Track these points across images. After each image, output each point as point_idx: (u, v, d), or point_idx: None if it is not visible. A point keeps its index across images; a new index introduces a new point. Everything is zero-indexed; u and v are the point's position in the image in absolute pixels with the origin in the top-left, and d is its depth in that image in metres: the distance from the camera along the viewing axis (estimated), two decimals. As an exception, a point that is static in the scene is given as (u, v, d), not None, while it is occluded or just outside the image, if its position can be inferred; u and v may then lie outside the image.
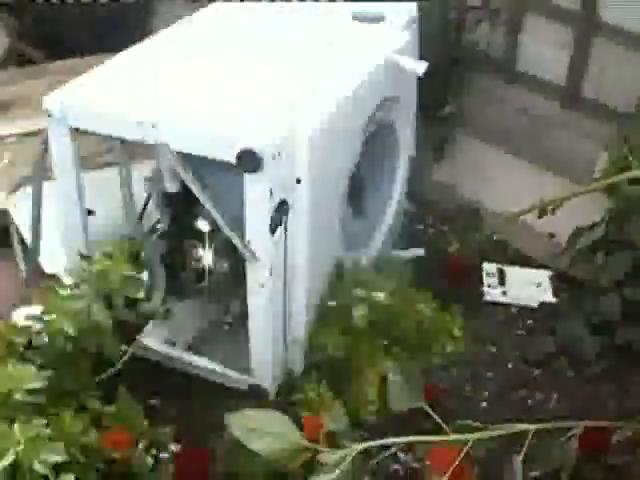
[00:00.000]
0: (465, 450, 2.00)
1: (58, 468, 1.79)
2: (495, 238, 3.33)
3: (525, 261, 3.23)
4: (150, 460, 2.33)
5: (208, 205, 2.24)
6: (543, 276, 3.12)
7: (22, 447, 1.70)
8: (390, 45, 2.73)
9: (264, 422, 1.97)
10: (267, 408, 2.08)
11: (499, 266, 3.17)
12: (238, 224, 2.24)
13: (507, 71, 3.57)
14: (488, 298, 3.04)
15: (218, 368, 2.55)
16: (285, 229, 2.27)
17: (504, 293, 3.04)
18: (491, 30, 3.48)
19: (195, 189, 2.23)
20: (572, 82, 3.39)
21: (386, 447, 2.09)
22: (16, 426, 1.73)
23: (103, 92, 2.40)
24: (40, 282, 2.43)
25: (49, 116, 2.33)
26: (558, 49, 3.37)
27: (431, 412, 2.07)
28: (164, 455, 2.35)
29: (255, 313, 2.38)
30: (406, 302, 2.63)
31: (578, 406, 2.59)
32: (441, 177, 3.63)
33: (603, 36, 3.25)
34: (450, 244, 3.22)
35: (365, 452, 2.08)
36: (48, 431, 1.74)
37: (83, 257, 2.32)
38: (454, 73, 3.51)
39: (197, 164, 2.24)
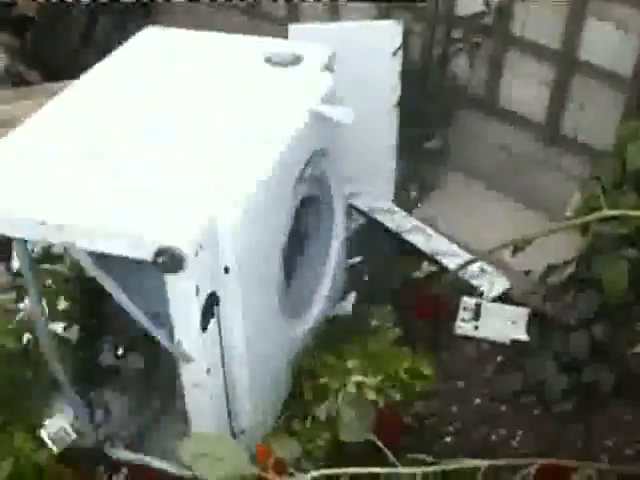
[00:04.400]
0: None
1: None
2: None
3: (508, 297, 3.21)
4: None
5: (127, 307, 2.01)
6: (521, 314, 3.09)
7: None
8: (312, 92, 2.52)
9: (215, 447, 1.95)
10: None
11: (478, 301, 3.16)
12: (164, 320, 2.04)
13: (488, 107, 3.59)
14: (459, 332, 3.03)
15: (159, 464, 2.41)
16: (218, 320, 2.09)
17: (476, 328, 3.03)
18: (471, 64, 3.48)
19: (112, 290, 2.00)
20: (551, 119, 3.40)
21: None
22: None
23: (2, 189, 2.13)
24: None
25: None
26: (538, 86, 3.39)
27: (380, 444, 2.05)
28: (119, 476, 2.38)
29: (195, 414, 2.23)
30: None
31: (542, 444, 2.57)
32: (423, 211, 3.62)
33: (582, 74, 3.26)
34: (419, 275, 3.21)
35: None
36: None
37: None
38: (438, 107, 3.51)
39: (114, 258, 1.98)
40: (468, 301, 3.15)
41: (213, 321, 2.07)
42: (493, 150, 3.54)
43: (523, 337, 2.99)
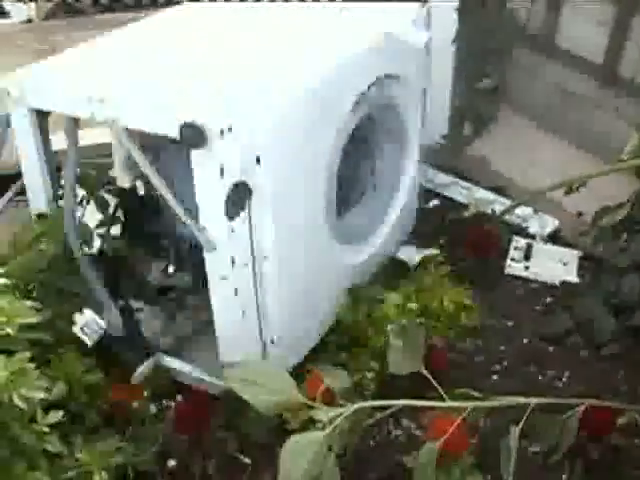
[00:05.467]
0: (461, 418, 2.01)
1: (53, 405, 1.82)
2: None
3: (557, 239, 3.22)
4: (153, 408, 2.39)
5: (160, 187, 2.12)
6: (572, 255, 3.09)
7: (1, 380, 1.67)
8: (397, 18, 2.63)
9: (262, 375, 1.97)
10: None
11: (528, 241, 3.16)
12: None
13: (546, 45, 3.53)
14: (509, 271, 3.03)
15: (191, 370, 2.45)
16: (249, 213, 2.13)
17: (526, 268, 3.03)
18: (532, 2, 3.43)
19: (147, 170, 2.12)
20: (609, 61, 3.33)
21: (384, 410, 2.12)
22: (1, 358, 1.70)
23: (61, 72, 2.33)
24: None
25: (8, 94, 2.25)
26: (597, 26, 3.31)
27: (430, 377, 2.08)
28: (169, 403, 2.41)
29: (219, 309, 2.25)
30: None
31: (589, 385, 2.56)
32: (475, 149, 3.61)
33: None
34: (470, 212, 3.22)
35: (368, 416, 2.10)
36: (32, 365, 1.72)
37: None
38: (495, 44, 3.47)
39: (154, 147, 2.18)
40: (519, 241, 3.16)
41: (244, 215, 2.10)
42: (549, 90, 3.50)
43: (573, 279, 2.99)
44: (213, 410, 2.30)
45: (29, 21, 4.53)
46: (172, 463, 2.28)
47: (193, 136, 1.95)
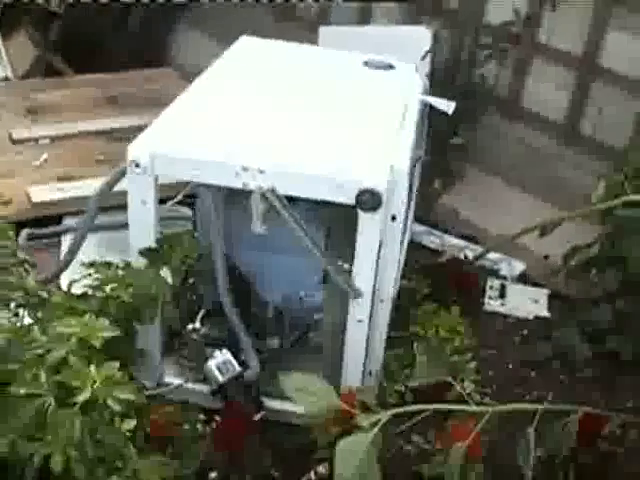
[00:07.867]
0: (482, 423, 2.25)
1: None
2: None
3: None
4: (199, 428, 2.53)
5: (314, 249, 2.29)
6: (542, 294, 3.43)
7: (97, 385, 1.79)
8: (414, 88, 2.95)
9: (310, 384, 2.20)
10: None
11: (502, 282, 3.50)
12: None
13: (512, 107, 3.89)
14: (488, 308, 3.35)
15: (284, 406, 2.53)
16: (377, 263, 2.34)
17: (502, 305, 3.35)
18: (498, 68, 3.80)
19: (301, 233, 2.27)
20: (571, 120, 3.71)
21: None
22: (92, 366, 1.81)
23: (192, 137, 2.36)
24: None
25: (136, 166, 2.22)
26: (560, 90, 3.70)
27: (455, 384, 2.37)
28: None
29: (351, 349, 2.45)
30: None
31: (572, 403, 2.80)
32: (446, 201, 3.91)
33: (601, 79, 3.59)
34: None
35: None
36: (120, 373, 1.84)
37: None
38: (464, 106, 3.77)
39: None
40: (494, 281, 3.49)
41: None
42: (514, 148, 3.85)
43: (545, 314, 3.32)
44: (250, 428, 2.48)
45: (6, 79, 4.65)
46: (213, 475, 2.43)
47: (371, 201, 2.18)
